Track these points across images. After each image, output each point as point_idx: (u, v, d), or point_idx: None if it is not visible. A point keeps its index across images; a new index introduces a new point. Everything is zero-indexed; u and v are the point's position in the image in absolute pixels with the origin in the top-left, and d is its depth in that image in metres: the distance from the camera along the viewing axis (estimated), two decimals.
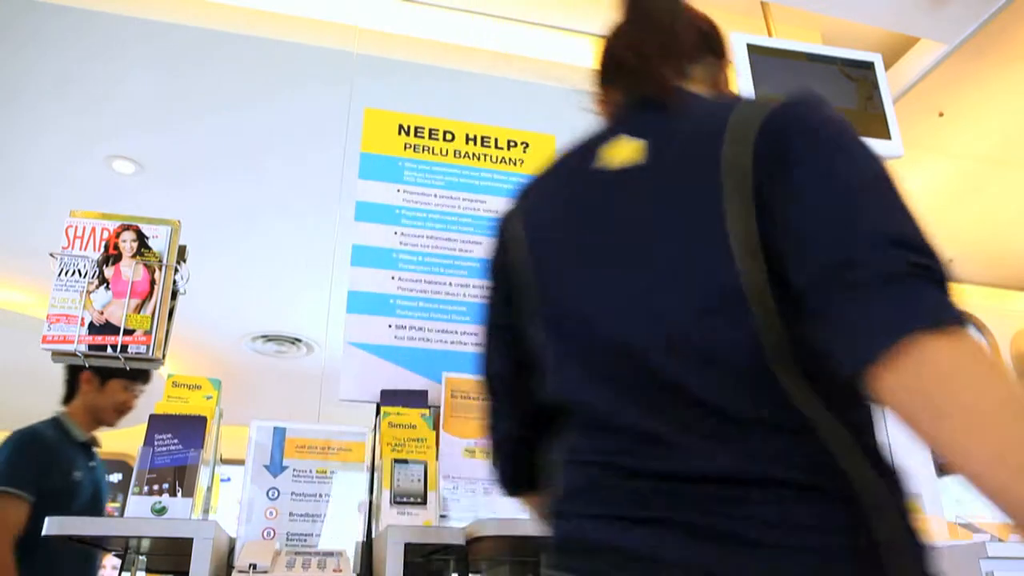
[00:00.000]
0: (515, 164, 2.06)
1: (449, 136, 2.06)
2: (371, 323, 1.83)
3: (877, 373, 0.56)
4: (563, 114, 3.33)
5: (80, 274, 1.52)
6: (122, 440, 7.75)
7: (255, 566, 1.27)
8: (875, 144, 1.48)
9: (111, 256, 1.55)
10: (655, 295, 0.68)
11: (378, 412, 1.68)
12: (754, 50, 2.11)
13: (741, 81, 2.07)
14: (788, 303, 0.63)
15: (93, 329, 1.49)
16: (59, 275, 1.52)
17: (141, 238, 1.57)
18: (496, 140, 2.09)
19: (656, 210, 0.70)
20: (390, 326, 1.84)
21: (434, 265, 1.90)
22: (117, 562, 1.53)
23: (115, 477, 7.12)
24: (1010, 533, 2.13)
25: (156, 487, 1.38)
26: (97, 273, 1.53)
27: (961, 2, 2.38)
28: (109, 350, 1.48)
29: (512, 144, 2.09)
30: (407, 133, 2.04)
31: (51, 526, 1.27)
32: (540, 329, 0.79)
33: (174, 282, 1.57)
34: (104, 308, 1.51)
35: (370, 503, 1.58)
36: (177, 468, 1.41)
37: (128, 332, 1.50)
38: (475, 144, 2.06)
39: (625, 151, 0.76)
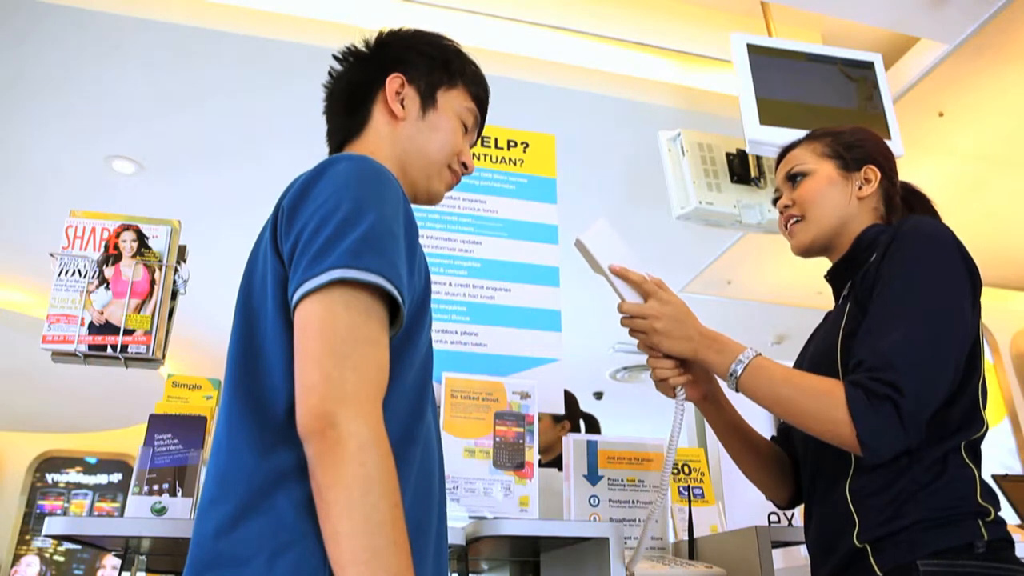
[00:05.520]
0: (515, 164, 2.06)
1: None
2: None
3: None
4: (563, 114, 3.34)
5: (80, 274, 1.52)
6: (122, 440, 7.75)
7: None
8: None
9: (111, 256, 1.55)
10: None
11: None
12: (754, 50, 2.11)
13: (741, 81, 2.07)
14: None
15: (93, 329, 1.49)
16: (59, 275, 1.52)
17: (141, 238, 1.57)
18: (496, 140, 2.08)
19: None
20: None
21: (434, 265, 1.89)
22: (117, 562, 1.53)
23: (115, 477, 7.13)
24: None
25: (156, 487, 1.39)
26: (97, 273, 1.53)
27: (961, 2, 2.38)
28: (109, 350, 1.48)
29: (512, 144, 2.09)
30: None
31: (51, 526, 1.27)
32: None
33: (174, 282, 1.57)
34: (104, 308, 1.51)
35: None
36: (177, 468, 1.41)
37: (128, 332, 1.50)
38: (475, 144, 2.06)
39: None
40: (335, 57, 1.13)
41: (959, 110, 2.89)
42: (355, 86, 1.10)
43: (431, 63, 1.11)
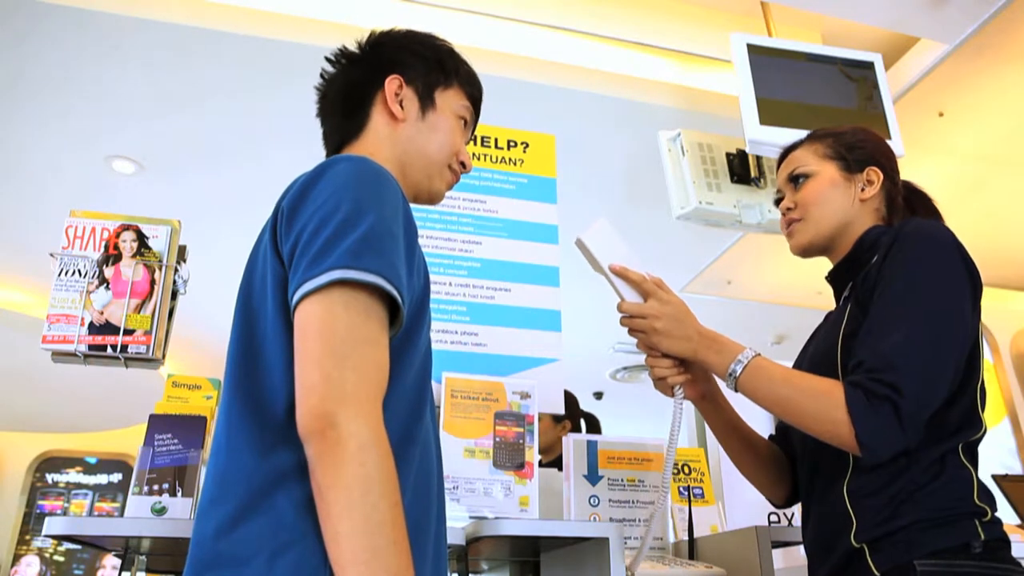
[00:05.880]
0: (515, 164, 2.06)
1: None
2: None
3: None
4: (563, 114, 3.33)
5: (80, 274, 1.52)
6: (122, 440, 7.75)
7: None
8: None
9: (111, 256, 1.55)
10: None
11: None
12: (754, 50, 2.11)
13: (741, 81, 2.07)
14: None
15: (93, 329, 1.49)
16: (59, 275, 1.52)
17: (141, 238, 1.57)
18: (496, 140, 2.08)
19: None
20: None
21: (434, 265, 1.89)
22: (117, 562, 1.53)
23: (115, 477, 7.13)
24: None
25: (156, 487, 1.39)
26: (97, 273, 1.53)
27: (961, 2, 2.38)
28: (109, 350, 1.48)
29: (512, 144, 2.09)
30: None
31: (51, 526, 1.27)
32: None
33: (174, 282, 1.57)
34: (104, 308, 1.51)
35: None
36: (177, 468, 1.41)
37: (128, 332, 1.50)
38: (475, 144, 2.06)
39: None
40: (327, 59, 1.13)
41: (959, 110, 2.89)
42: (351, 88, 1.10)
43: (427, 64, 1.11)
